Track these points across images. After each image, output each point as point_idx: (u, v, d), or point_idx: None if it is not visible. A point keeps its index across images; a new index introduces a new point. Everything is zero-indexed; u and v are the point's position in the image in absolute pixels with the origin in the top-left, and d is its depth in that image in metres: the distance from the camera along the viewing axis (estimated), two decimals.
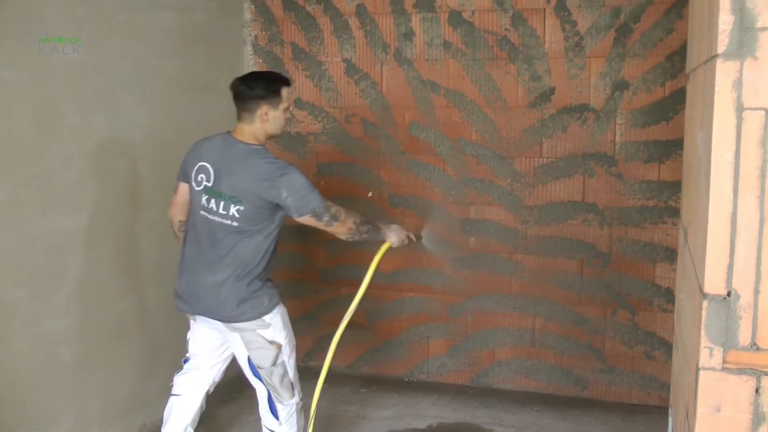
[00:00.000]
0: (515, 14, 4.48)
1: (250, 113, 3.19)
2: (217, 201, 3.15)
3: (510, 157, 4.59)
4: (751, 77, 1.49)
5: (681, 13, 4.16)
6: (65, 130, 3.59)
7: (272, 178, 3.08)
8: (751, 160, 1.51)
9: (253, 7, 5.06)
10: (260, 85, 3.19)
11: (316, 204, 3.15)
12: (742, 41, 1.50)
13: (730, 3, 1.50)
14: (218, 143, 3.23)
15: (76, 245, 3.68)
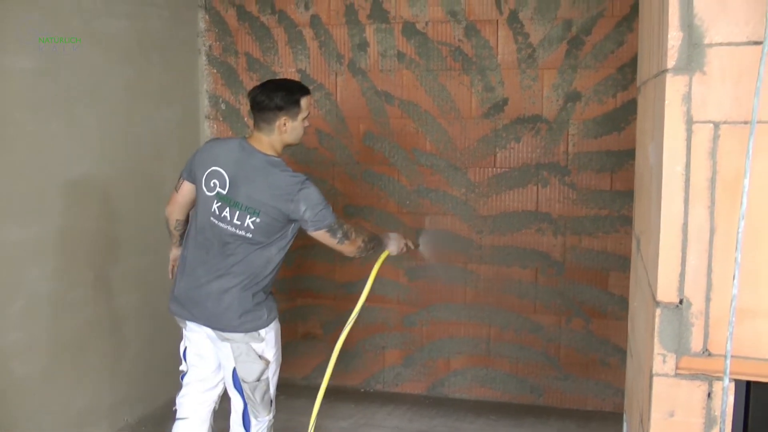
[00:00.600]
0: (468, 25, 4.52)
1: (268, 124, 3.11)
2: (232, 210, 3.07)
3: (464, 167, 4.62)
4: (700, 91, 1.54)
5: (631, 26, 4.25)
6: (18, 140, 3.54)
7: (292, 192, 3.02)
8: (701, 172, 1.56)
9: (207, 17, 5.04)
10: (279, 95, 3.09)
11: (331, 220, 3.13)
12: (691, 56, 1.54)
13: (679, 20, 1.54)
14: (235, 148, 3.13)
15: (29, 256, 3.62)
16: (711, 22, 1.53)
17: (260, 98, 3.11)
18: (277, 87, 3.15)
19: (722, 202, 1.55)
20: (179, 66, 4.86)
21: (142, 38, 4.42)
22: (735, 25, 1.52)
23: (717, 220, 1.56)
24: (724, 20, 1.53)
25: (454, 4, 4.52)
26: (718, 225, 1.57)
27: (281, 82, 3.23)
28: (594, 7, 4.32)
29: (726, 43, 1.53)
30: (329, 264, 4.94)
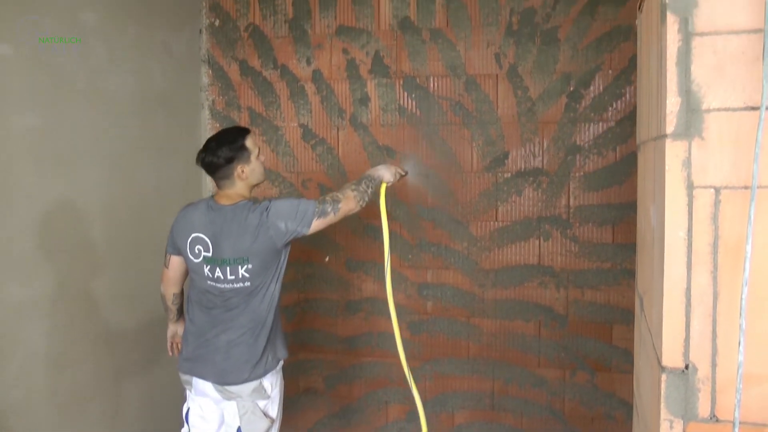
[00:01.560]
0: (468, 80, 4.56)
1: (228, 179, 3.16)
2: (222, 268, 3.10)
3: (466, 221, 4.63)
4: (700, 156, 1.54)
5: (630, 79, 4.29)
6: (20, 198, 3.55)
7: (264, 221, 3.05)
8: (703, 237, 1.55)
9: (210, 71, 5.09)
10: (224, 149, 3.13)
11: (312, 208, 3.12)
12: (689, 122, 1.55)
13: (677, 85, 1.56)
14: (205, 211, 3.18)
15: (28, 314, 3.61)
16: (708, 87, 1.54)
17: (208, 160, 3.14)
18: (219, 142, 3.16)
19: (725, 266, 1.55)
20: (182, 120, 4.89)
21: (145, 94, 4.46)
22: (732, 91, 1.53)
23: (720, 284, 1.56)
24: (721, 86, 1.54)
25: (454, 59, 4.57)
26: (721, 290, 1.56)
27: (219, 135, 3.23)
28: (592, 60, 4.36)
29: (724, 109, 1.53)
30: (331, 318, 4.92)
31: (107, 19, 4.11)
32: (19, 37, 3.51)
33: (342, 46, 4.78)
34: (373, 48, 4.72)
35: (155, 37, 4.57)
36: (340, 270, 4.89)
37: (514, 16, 4.48)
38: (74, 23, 3.87)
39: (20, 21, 3.53)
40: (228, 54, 5.05)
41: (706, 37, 1.55)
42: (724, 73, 1.54)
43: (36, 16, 3.63)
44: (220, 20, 5.06)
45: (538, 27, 4.44)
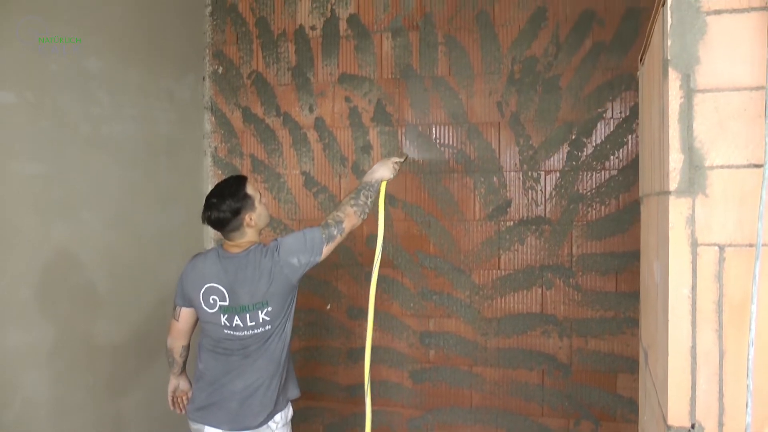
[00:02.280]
0: (470, 128, 4.57)
1: (237, 230, 3.13)
2: (242, 316, 3.07)
3: (468, 269, 4.61)
4: (703, 214, 1.53)
5: (631, 127, 4.29)
6: (23, 245, 3.54)
7: (276, 261, 3.04)
8: (707, 295, 1.54)
9: (213, 118, 5.12)
10: (228, 203, 3.09)
11: (318, 236, 3.11)
12: (693, 179, 1.54)
13: (680, 142, 1.55)
14: (216, 260, 3.14)
15: (28, 360, 3.58)
16: (711, 144, 1.54)
17: (215, 217, 3.09)
18: (221, 196, 3.12)
19: (731, 325, 1.53)
20: (185, 167, 4.90)
21: (149, 141, 4.47)
22: (735, 148, 1.53)
23: (726, 344, 1.53)
24: (724, 143, 1.53)
25: (456, 107, 4.58)
26: (727, 349, 1.54)
27: (220, 189, 3.18)
28: (594, 109, 4.37)
29: (727, 166, 1.53)
30: (332, 366, 4.88)
31: (111, 66, 4.14)
32: (25, 83, 3.54)
33: (344, 94, 4.81)
34: (375, 96, 4.75)
35: (159, 84, 4.60)
36: (341, 318, 4.86)
37: (515, 65, 4.50)
38: (79, 70, 3.90)
39: (28, 68, 3.56)
40: (231, 101, 5.08)
41: (708, 94, 1.55)
42: (727, 130, 1.53)
43: (43, 62, 3.65)
44: (223, 67, 5.10)
45: (539, 75, 4.46)
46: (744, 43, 1.54)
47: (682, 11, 1.59)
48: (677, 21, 1.59)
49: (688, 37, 1.58)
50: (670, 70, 1.58)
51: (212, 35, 5.13)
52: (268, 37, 5.00)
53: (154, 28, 4.56)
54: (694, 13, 1.59)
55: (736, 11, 1.56)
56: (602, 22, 4.37)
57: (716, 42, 1.57)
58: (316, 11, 4.89)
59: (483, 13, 4.56)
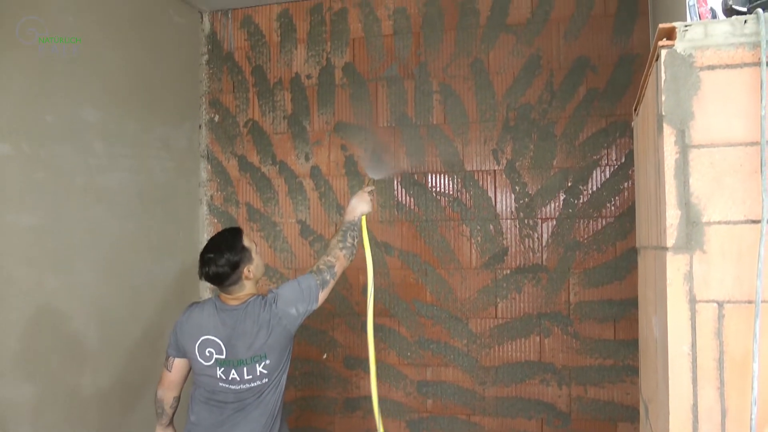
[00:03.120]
0: (466, 176, 4.58)
1: (236, 283, 3.07)
2: (239, 369, 3.02)
3: (465, 317, 4.58)
4: (701, 270, 1.52)
5: (627, 174, 4.30)
6: (15, 296, 3.51)
7: (275, 313, 3.01)
8: (708, 352, 1.52)
9: (209, 167, 5.12)
10: (227, 257, 3.02)
11: (314, 283, 3.09)
12: (690, 235, 1.53)
13: (676, 198, 1.54)
14: (213, 312, 3.08)
15: (21, 414, 3.52)
16: (708, 200, 1.53)
17: (214, 272, 3.02)
18: (218, 251, 3.05)
19: (732, 383, 1.51)
20: (180, 216, 4.89)
21: (144, 190, 4.47)
22: (732, 204, 1.52)
23: (728, 401, 1.51)
24: (721, 198, 1.52)
25: (452, 155, 4.59)
26: (729, 407, 1.51)
27: (216, 243, 3.10)
28: (589, 156, 4.38)
29: (724, 222, 1.52)
30: (328, 416, 4.83)
31: (107, 115, 4.15)
32: (21, 134, 3.54)
33: (340, 143, 4.82)
34: (371, 144, 4.76)
35: (155, 133, 4.61)
36: (338, 367, 4.82)
37: (510, 112, 4.52)
38: (75, 120, 3.91)
39: (24, 119, 3.56)
40: (227, 149, 5.09)
41: (704, 150, 1.54)
42: (723, 186, 1.52)
43: (38, 113, 3.66)
44: (219, 116, 5.11)
45: (534, 123, 4.48)
46: (738, 99, 1.54)
47: (676, 67, 1.59)
48: (671, 76, 1.59)
49: (682, 92, 1.58)
50: (664, 125, 1.58)
51: (209, 84, 5.16)
52: (264, 85, 5.03)
53: (151, 78, 4.58)
54: (688, 69, 1.59)
55: (729, 67, 1.57)
56: (596, 69, 4.41)
57: (710, 97, 1.57)
58: (312, 60, 4.93)
59: (477, 61, 4.59)
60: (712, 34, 1.61)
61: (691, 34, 1.61)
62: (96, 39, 4.09)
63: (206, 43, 5.18)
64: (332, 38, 4.89)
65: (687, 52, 1.60)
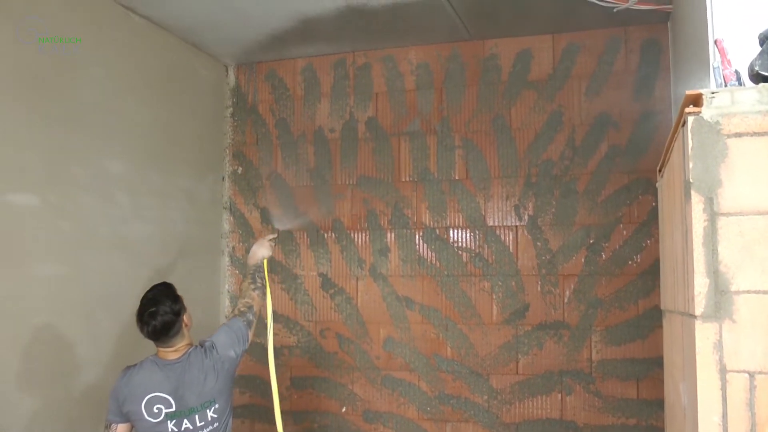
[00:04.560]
0: (488, 231, 4.58)
1: (178, 334, 3.07)
2: (191, 418, 3.03)
3: (486, 373, 4.54)
4: (731, 339, 1.51)
5: (650, 232, 4.28)
6: (37, 345, 3.52)
7: (216, 360, 3.09)
8: (739, 423, 1.50)
9: (231, 218, 5.15)
10: (169, 306, 3.03)
11: (242, 325, 3.23)
12: (719, 303, 1.52)
13: (705, 266, 1.53)
14: (155, 370, 3.06)
15: None
16: (737, 268, 1.52)
17: (162, 321, 3.01)
18: (158, 303, 3.04)
19: None
20: (202, 267, 4.91)
21: (166, 241, 4.50)
22: (761, 273, 1.51)
23: None
24: (750, 267, 1.52)
25: (474, 210, 4.60)
26: None
27: (155, 298, 3.08)
28: (612, 213, 4.37)
29: (754, 291, 1.51)
30: None
31: (132, 167, 4.20)
32: (49, 185, 3.59)
33: (362, 197, 4.84)
34: (393, 199, 4.78)
35: (178, 184, 4.65)
36: (357, 421, 4.78)
37: (532, 168, 4.53)
38: (101, 172, 3.95)
39: (52, 171, 3.61)
40: (250, 201, 5.12)
41: (732, 218, 1.54)
42: (753, 255, 1.52)
43: (65, 165, 3.71)
44: (243, 168, 5.16)
45: (557, 179, 4.48)
46: (766, 166, 1.54)
47: (703, 134, 1.60)
48: (698, 143, 1.60)
49: (710, 159, 1.58)
50: (692, 192, 1.58)
51: (233, 136, 5.21)
52: (287, 138, 5.07)
53: (176, 130, 4.64)
54: (715, 136, 1.59)
55: (756, 134, 1.57)
56: (617, 125, 4.42)
57: (738, 165, 1.57)
58: (336, 114, 4.97)
59: (499, 116, 4.62)
60: (739, 101, 1.61)
61: (718, 101, 1.62)
62: (124, 91, 4.16)
63: (231, 96, 5.24)
64: (356, 92, 4.94)
65: (714, 119, 1.61)
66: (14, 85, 3.44)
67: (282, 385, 4.84)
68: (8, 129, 3.40)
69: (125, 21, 4.21)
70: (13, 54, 3.44)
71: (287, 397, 4.89)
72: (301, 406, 4.88)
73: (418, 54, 4.84)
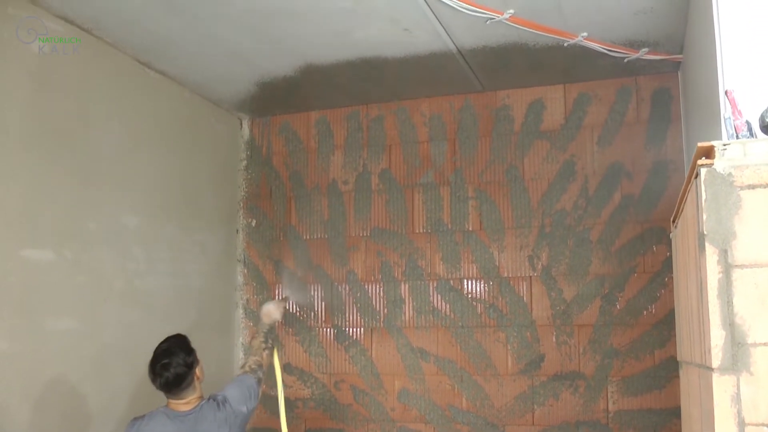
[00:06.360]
0: (502, 282, 4.57)
1: (190, 386, 3.08)
2: None
3: (502, 425, 4.50)
4: (749, 392, 1.50)
5: (664, 281, 4.26)
6: (51, 398, 3.53)
7: (229, 414, 3.11)
8: None
9: (246, 271, 5.17)
10: (183, 358, 3.05)
11: (253, 382, 3.28)
12: (736, 356, 1.51)
13: (720, 318, 1.53)
14: (167, 421, 3.06)
15: None
16: (753, 320, 1.52)
17: (175, 373, 3.03)
18: (172, 354, 3.07)
19: None
20: (216, 320, 4.91)
21: (180, 293, 4.51)
22: None
23: None
24: (767, 319, 1.51)
25: (488, 262, 4.60)
26: None
27: (169, 350, 3.11)
28: (626, 263, 4.37)
29: None
30: None
31: (147, 220, 4.24)
32: (64, 240, 3.62)
33: (376, 248, 4.85)
34: (406, 250, 4.78)
35: (192, 237, 4.68)
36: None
37: (546, 218, 4.54)
38: (116, 227, 3.99)
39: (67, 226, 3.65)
40: (264, 254, 5.14)
41: (747, 270, 1.54)
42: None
43: (81, 220, 3.75)
44: (257, 221, 5.19)
45: (570, 229, 4.49)
46: None
47: (716, 186, 1.61)
48: (711, 196, 1.61)
49: (723, 211, 1.59)
50: (707, 244, 1.58)
51: (246, 188, 5.25)
52: (301, 190, 5.11)
53: (190, 183, 4.68)
54: (728, 188, 1.60)
55: None
56: (630, 175, 4.44)
57: (752, 216, 1.57)
58: (349, 166, 5.01)
59: (512, 167, 4.65)
60: (751, 152, 1.63)
61: (730, 153, 1.63)
62: (139, 144, 4.22)
63: (245, 149, 5.29)
64: (369, 144, 4.98)
65: (726, 171, 1.62)
66: (30, 139, 3.49)
67: None
68: (24, 183, 3.44)
69: (141, 75, 4.28)
70: (31, 106, 3.49)
71: None
72: None
73: (431, 105, 4.89)
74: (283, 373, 3.69)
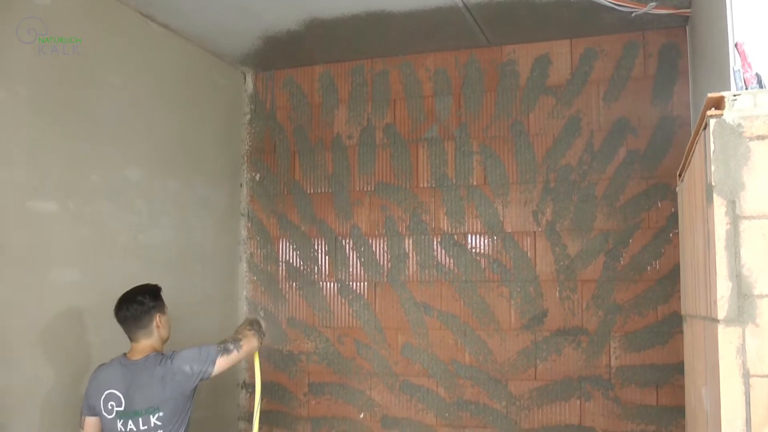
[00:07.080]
0: (506, 237, 4.56)
1: (145, 328, 3.22)
2: (135, 420, 3.13)
3: (504, 379, 4.52)
4: (755, 344, 1.49)
5: (669, 237, 4.26)
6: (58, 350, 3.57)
7: (170, 370, 3.14)
8: (763, 429, 1.48)
9: (249, 225, 5.17)
10: (147, 297, 3.24)
11: (214, 349, 3.25)
12: (742, 308, 1.51)
13: (727, 269, 1.52)
14: (117, 367, 3.20)
15: None
16: (760, 272, 1.51)
17: (132, 308, 3.21)
18: (139, 293, 3.27)
19: None
20: (220, 274, 4.92)
21: (184, 248, 4.51)
22: None
23: None
24: None
25: (492, 217, 4.59)
26: None
27: (136, 288, 3.30)
28: (630, 219, 4.35)
29: None
30: None
31: (150, 175, 4.23)
32: (68, 193, 3.61)
33: (380, 203, 4.85)
34: (411, 205, 4.77)
35: (196, 192, 4.67)
36: (375, 427, 4.77)
37: (551, 174, 4.52)
38: (119, 180, 3.98)
39: (71, 179, 3.64)
40: (267, 208, 5.13)
41: (755, 221, 1.53)
42: None
43: (85, 173, 3.74)
44: (260, 175, 5.17)
45: (575, 184, 4.47)
46: None
47: (725, 137, 1.59)
48: (720, 147, 1.59)
49: (732, 162, 1.57)
50: (714, 195, 1.57)
51: (250, 143, 5.23)
52: (305, 145, 5.08)
53: (194, 137, 4.66)
54: (737, 139, 1.58)
55: None
56: (636, 130, 4.40)
57: (761, 167, 1.56)
58: (353, 120, 4.98)
59: (517, 122, 4.62)
60: (761, 104, 1.60)
61: (740, 104, 1.61)
62: (142, 99, 4.19)
63: (249, 103, 5.26)
64: (373, 99, 4.95)
65: (736, 122, 1.60)
66: (34, 95, 3.47)
67: (300, 391, 4.87)
68: (29, 137, 3.43)
69: (144, 29, 4.24)
70: (34, 65, 3.47)
71: (305, 403, 4.90)
72: (319, 413, 4.87)
73: (436, 60, 4.84)
74: (286, 328, 3.67)
